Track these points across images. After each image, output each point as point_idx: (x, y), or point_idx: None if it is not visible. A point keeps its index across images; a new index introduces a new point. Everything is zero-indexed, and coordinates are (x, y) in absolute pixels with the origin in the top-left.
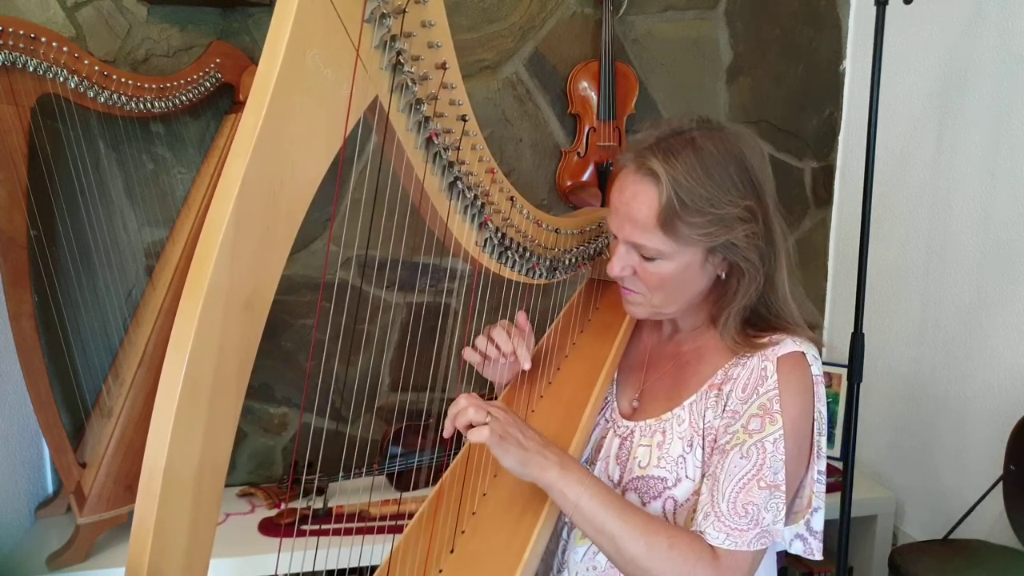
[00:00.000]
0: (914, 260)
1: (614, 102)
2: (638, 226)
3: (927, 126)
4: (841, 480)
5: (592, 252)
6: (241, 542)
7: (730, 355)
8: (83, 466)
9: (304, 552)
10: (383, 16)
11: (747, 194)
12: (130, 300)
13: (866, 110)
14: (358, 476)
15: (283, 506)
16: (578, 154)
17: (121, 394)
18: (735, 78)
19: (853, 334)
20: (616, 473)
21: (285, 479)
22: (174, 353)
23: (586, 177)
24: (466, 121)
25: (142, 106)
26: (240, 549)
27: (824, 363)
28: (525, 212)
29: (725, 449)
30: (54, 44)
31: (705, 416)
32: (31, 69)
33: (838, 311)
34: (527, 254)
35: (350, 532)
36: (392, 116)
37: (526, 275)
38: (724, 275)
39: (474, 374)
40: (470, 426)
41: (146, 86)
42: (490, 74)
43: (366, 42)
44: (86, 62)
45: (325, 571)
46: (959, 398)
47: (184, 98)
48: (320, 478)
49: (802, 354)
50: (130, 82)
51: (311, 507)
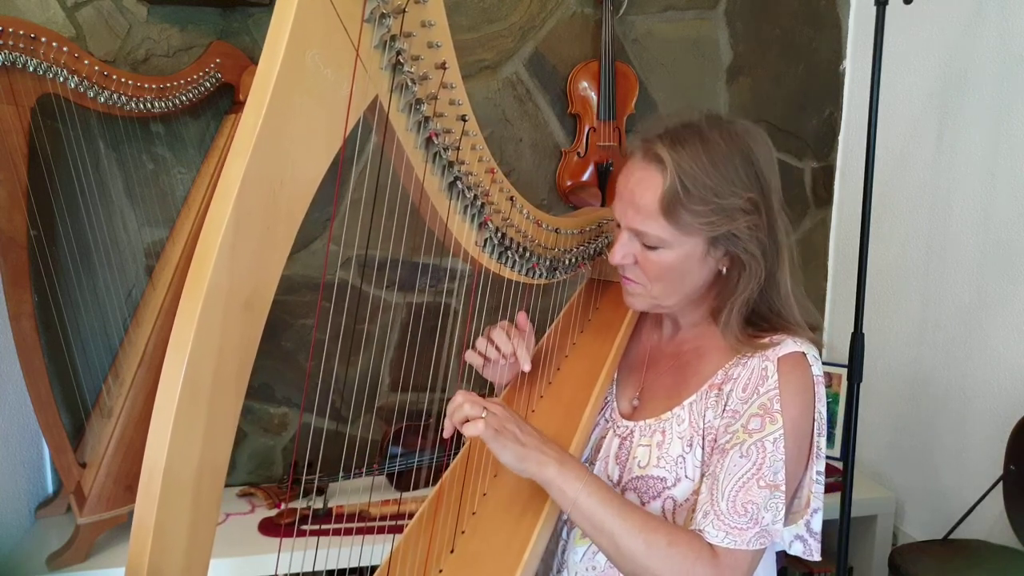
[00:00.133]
0: (914, 260)
1: (614, 102)
2: (641, 212)
3: (927, 126)
4: (841, 480)
5: (592, 252)
6: (241, 542)
7: (730, 355)
8: (83, 466)
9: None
10: (383, 16)
11: (751, 187)
12: (130, 300)
13: (866, 110)
14: (358, 476)
15: (283, 506)
16: (578, 154)
17: (121, 394)
18: (735, 78)
19: (853, 334)
20: (616, 473)
21: (285, 479)
22: (174, 353)
23: (586, 177)
24: (466, 121)
25: (142, 106)
26: (240, 549)
27: (824, 363)
28: (525, 212)
29: (725, 448)
30: (54, 44)
31: (705, 416)
32: (31, 69)
33: (838, 311)
34: (527, 254)
35: (350, 532)
36: (392, 116)
37: (526, 275)
38: (725, 270)
39: (474, 374)
40: (465, 422)
41: (146, 86)
42: (490, 74)
43: (366, 42)
44: (86, 62)
45: (325, 571)
46: (959, 398)
47: (184, 98)
48: (320, 478)
49: (803, 354)
50: (130, 82)
51: (311, 507)
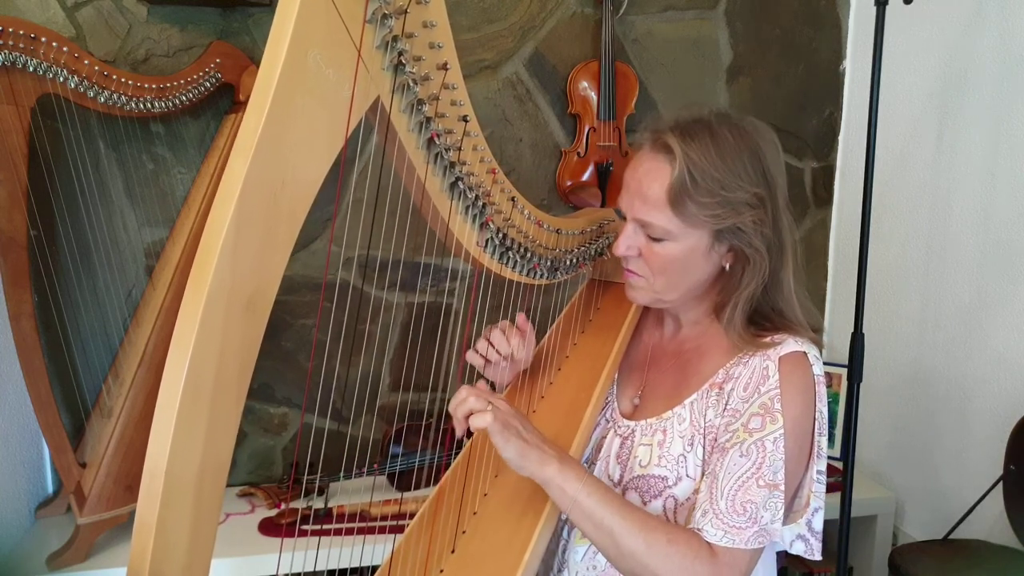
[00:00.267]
0: (914, 260)
1: (614, 102)
2: (648, 202)
3: (927, 126)
4: (841, 480)
5: (593, 253)
6: (241, 542)
7: (732, 354)
8: (83, 466)
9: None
10: (385, 17)
11: (758, 183)
12: (130, 300)
13: (866, 110)
14: (359, 476)
15: (283, 506)
16: (578, 154)
17: (121, 394)
18: (735, 78)
19: (853, 334)
20: (617, 472)
21: (285, 479)
22: (176, 354)
23: (586, 177)
24: (467, 122)
25: (142, 106)
26: (240, 549)
27: (824, 363)
28: (526, 213)
29: (725, 447)
30: (54, 44)
31: (706, 415)
32: (31, 69)
33: (838, 311)
34: (528, 255)
35: (351, 532)
36: (394, 117)
37: (527, 275)
38: (728, 266)
39: (475, 374)
40: (469, 417)
41: (146, 86)
42: (490, 74)
43: (368, 43)
44: (86, 62)
45: (326, 571)
46: (959, 398)
47: (184, 98)
48: (321, 478)
49: (804, 354)
50: (130, 82)
51: (312, 507)
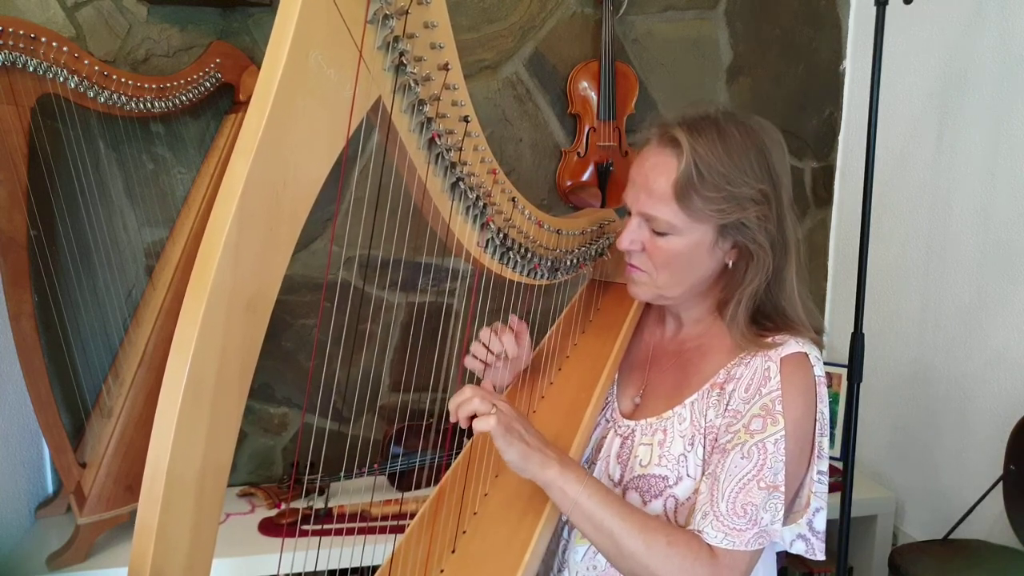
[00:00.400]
0: (914, 260)
1: (614, 102)
2: (653, 196)
3: (927, 126)
4: (841, 480)
5: (594, 253)
6: (241, 542)
7: (733, 354)
8: (83, 466)
9: (306, 552)
10: (386, 17)
11: (763, 180)
12: (130, 300)
13: (866, 110)
14: (359, 476)
15: (283, 506)
16: (578, 154)
17: (121, 394)
18: (735, 78)
19: (853, 334)
20: (617, 472)
21: (285, 479)
22: (177, 355)
23: (586, 177)
24: (468, 122)
25: (142, 106)
26: (240, 549)
27: (824, 363)
28: (527, 213)
29: (726, 448)
30: (54, 44)
31: (707, 415)
32: (31, 69)
33: (838, 311)
34: (529, 255)
35: (351, 532)
36: (395, 117)
37: (527, 276)
38: (732, 264)
39: (476, 376)
40: (472, 417)
41: (146, 86)
42: (490, 74)
43: (369, 43)
44: (86, 62)
45: (327, 571)
46: (959, 398)
47: (184, 98)
48: (321, 478)
49: (805, 355)
50: (130, 82)
51: (312, 507)
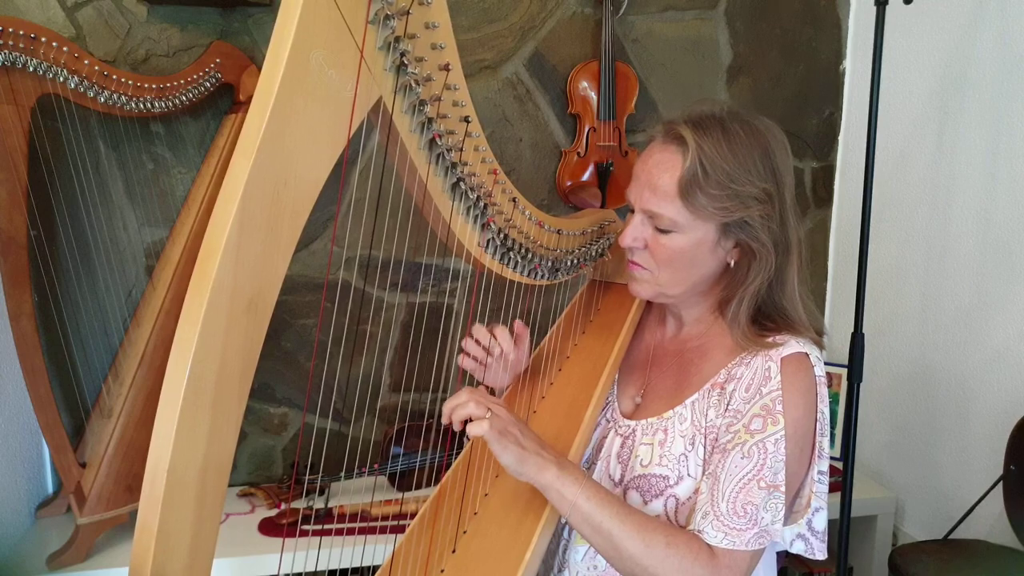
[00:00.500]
0: (914, 260)
1: (614, 102)
2: (657, 193)
3: (927, 126)
4: (841, 480)
5: (594, 253)
6: (241, 542)
7: (734, 354)
8: (83, 466)
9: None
10: (387, 18)
11: (767, 179)
12: (130, 300)
13: (866, 110)
14: (359, 476)
15: (283, 506)
16: (578, 154)
17: (121, 394)
18: (735, 78)
19: (853, 334)
20: (618, 472)
21: (285, 479)
22: (178, 355)
23: (586, 177)
24: (469, 123)
25: (142, 106)
26: (240, 549)
27: (824, 363)
28: (527, 213)
29: (726, 448)
30: (54, 44)
31: (707, 415)
32: (31, 69)
33: (838, 311)
34: (529, 255)
35: (352, 532)
36: (396, 118)
37: (528, 276)
38: (733, 263)
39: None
40: (467, 421)
41: (146, 86)
42: (490, 74)
43: (370, 43)
44: (86, 62)
45: (327, 571)
46: (959, 398)
47: (184, 98)
48: (321, 478)
49: (806, 355)
50: (130, 82)
51: (312, 507)
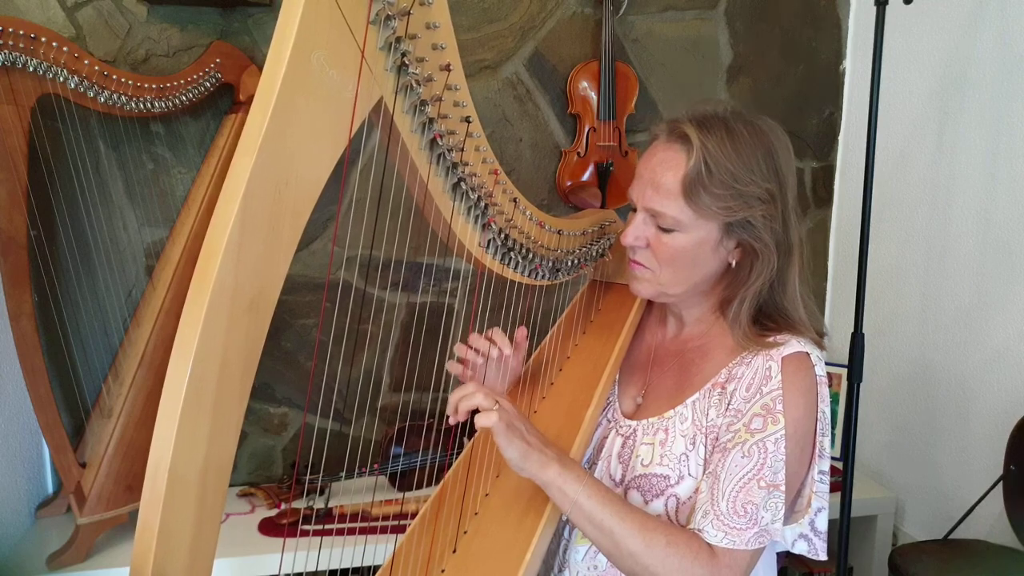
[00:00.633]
0: (914, 260)
1: (614, 102)
2: (660, 191)
3: (927, 126)
4: (841, 480)
5: (595, 254)
6: (241, 542)
7: (734, 354)
8: (83, 466)
9: (306, 552)
10: (388, 18)
11: (770, 179)
12: (130, 300)
13: (866, 110)
14: (360, 476)
15: (283, 506)
16: (578, 154)
17: (121, 394)
18: (735, 78)
19: (853, 334)
20: (618, 472)
21: (285, 479)
22: (179, 355)
23: (586, 177)
24: (470, 123)
25: (142, 106)
26: (240, 549)
27: (824, 363)
28: (528, 213)
29: (726, 447)
30: (54, 44)
31: (708, 414)
32: (31, 69)
33: (838, 311)
34: (530, 255)
35: (352, 532)
36: (397, 118)
37: (528, 276)
38: (735, 263)
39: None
40: (473, 413)
41: (146, 86)
42: (490, 74)
43: (371, 43)
44: (86, 62)
45: (327, 571)
46: (959, 398)
47: (184, 98)
48: (321, 478)
49: (806, 355)
50: (130, 82)
51: (312, 507)
